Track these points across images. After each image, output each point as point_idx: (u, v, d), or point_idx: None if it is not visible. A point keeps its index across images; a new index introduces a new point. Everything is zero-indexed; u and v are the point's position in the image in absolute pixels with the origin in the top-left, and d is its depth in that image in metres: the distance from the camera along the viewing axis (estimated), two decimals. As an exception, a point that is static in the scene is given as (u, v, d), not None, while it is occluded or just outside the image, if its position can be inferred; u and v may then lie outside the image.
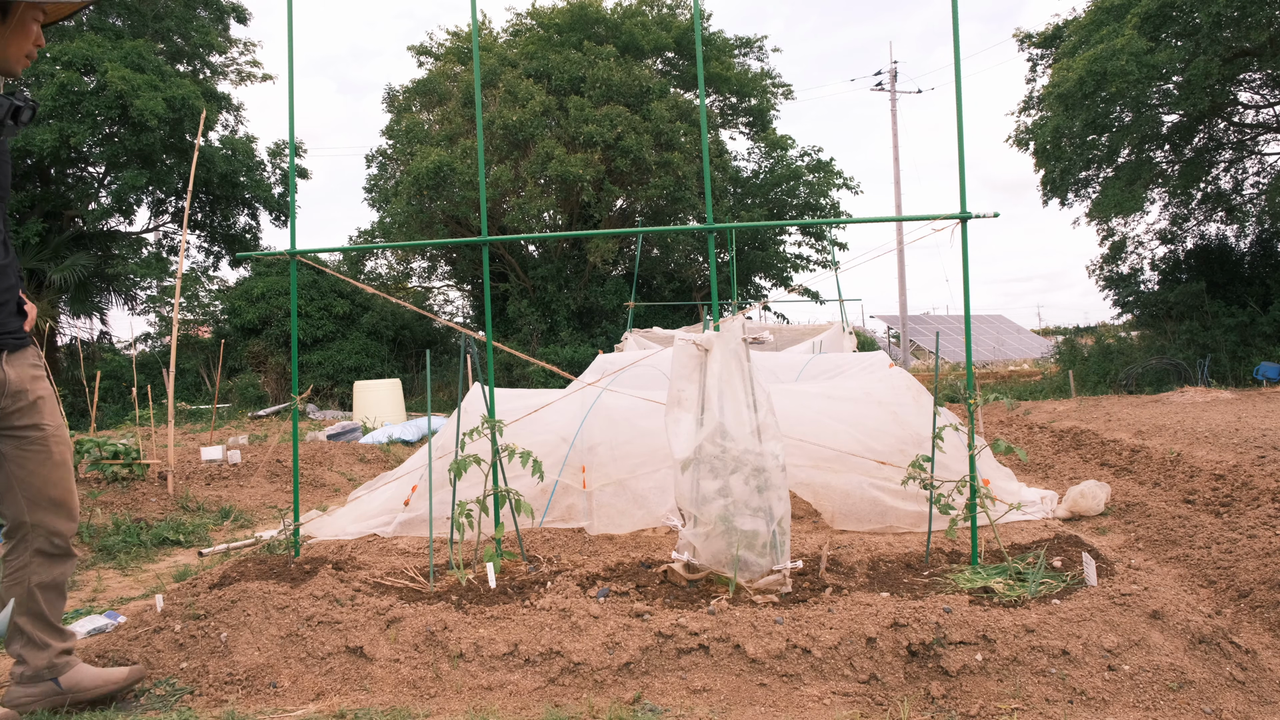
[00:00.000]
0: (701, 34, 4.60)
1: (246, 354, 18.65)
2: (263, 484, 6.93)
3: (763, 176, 20.65)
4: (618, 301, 18.27)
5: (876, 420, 4.93)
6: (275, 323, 18.44)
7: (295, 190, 3.71)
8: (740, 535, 3.12)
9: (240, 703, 2.69)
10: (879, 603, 2.84)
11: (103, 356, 18.41)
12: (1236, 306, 15.13)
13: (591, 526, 4.67)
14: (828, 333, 11.46)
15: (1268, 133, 15.96)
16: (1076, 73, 12.69)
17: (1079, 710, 2.43)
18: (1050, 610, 2.73)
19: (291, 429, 4.56)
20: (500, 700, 2.64)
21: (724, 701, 2.58)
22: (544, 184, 16.91)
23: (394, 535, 4.77)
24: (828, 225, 17.28)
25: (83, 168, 18.06)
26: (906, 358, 25.38)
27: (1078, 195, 16.48)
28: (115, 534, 5.09)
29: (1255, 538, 3.83)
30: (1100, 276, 17.53)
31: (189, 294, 19.28)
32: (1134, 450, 6.64)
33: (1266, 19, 12.39)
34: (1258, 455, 5.44)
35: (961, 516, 3.35)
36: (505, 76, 17.46)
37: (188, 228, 10.89)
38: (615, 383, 5.50)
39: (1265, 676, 2.60)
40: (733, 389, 3.17)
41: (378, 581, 3.38)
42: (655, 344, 10.41)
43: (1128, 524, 4.80)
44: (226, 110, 19.59)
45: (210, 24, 18.92)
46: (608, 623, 2.81)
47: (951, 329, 26.79)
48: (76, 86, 15.25)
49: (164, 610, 3.18)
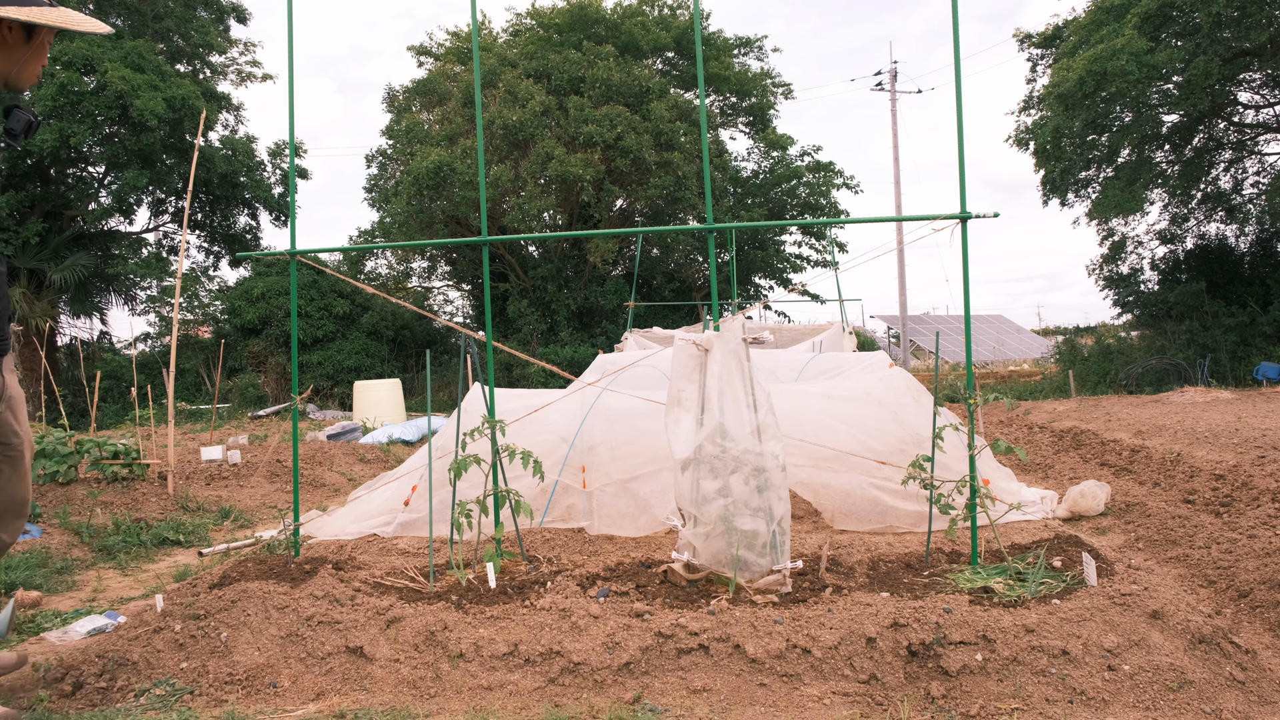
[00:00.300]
0: (701, 34, 4.58)
1: (246, 354, 18.65)
2: (263, 484, 6.93)
3: (763, 176, 20.65)
4: (618, 301, 18.27)
5: (876, 420, 4.93)
6: (275, 323, 18.44)
7: (295, 190, 3.71)
8: (740, 535, 3.12)
9: (240, 703, 2.69)
10: (879, 603, 2.84)
11: (103, 356, 18.41)
12: (1236, 306, 15.13)
13: (592, 526, 4.67)
14: (828, 333, 11.46)
15: (1268, 133, 15.96)
16: (1076, 73, 12.68)
17: (1079, 710, 2.43)
18: (1050, 610, 2.73)
19: (291, 429, 4.56)
20: (500, 700, 2.64)
21: (724, 701, 2.58)
22: (544, 184, 16.92)
23: (394, 535, 4.77)
24: (828, 225, 17.27)
25: (83, 168, 18.06)
26: (906, 358, 25.38)
27: (1078, 195, 16.48)
28: (115, 534, 5.09)
29: (1255, 538, 3.83)
30: (1100, 276, 17.54)
31: (189, 294, 19.28)
32: (1134, 450, 6.64)
33: (1266, 19, 12.39)
34: (1258, 455, 5.44)
35: (961, 516, 3.35)
36: (505, 76, 17.46)
37: (188, 228, 10.89)
38: (615, 383, 5.50)
39: (1265, 676, 2.60)
40: (733, 389, 3.17)
41: (378, 581, 3.38)
42: (655, 344, 10.41)
43: (1128, 524, 4.80)
44: (226, 110, 19.58)
45: (210, 24, 18.92)
46: (608, 623, 2.81)
47: (951, 329, 26.79)
48: (76, 86, 15.25)
49: (164, 610, 3.18)
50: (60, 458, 5.96)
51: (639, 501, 4.65)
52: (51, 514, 5.34)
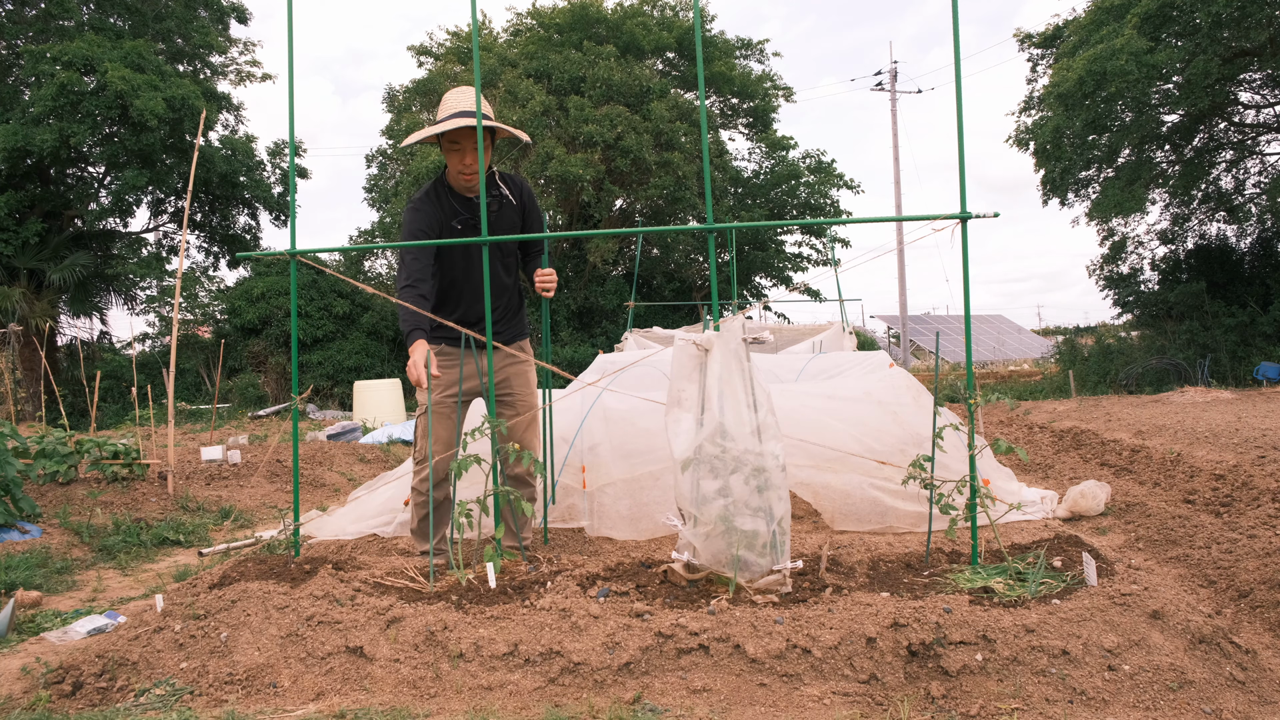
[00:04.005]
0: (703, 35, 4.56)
1: (246, 354, 18.65)
2: (263, 484, 6.93)
3: (763, 176, 20.65)
4: (618, 301, 18.27)
5: (876, 420, 4.93)
6: (275, 323, 18.44)
7: (295, 190, 3.70)
8: (740, 535, 3.12)
9: (240, 703, 2.69)
10: (879, 603, 2.84)
11: (102, 356, 18.41)
12: (1237, 306, 15.13)
13: (591, 527, 4.67)
14: (828, 333, 11.44)
15: (1268, 133, 15.97)
16: (1076, 73, 12.69)
17: (1079, 710, 2.43)
18: (1050, 610, 2.73)
19: (291, 429, 4.56)
20: (500, 700, 2.63)
21: (724, 701, 2.58)
22: (544, 184, 16.91)
23: (394, 535, 4.77)
24: (828, 225, 17.27)
25: (83, 168, 18.06)
26: (906, 358, 25.38)
27: (1078, 195, 16.49)
28: (115, 534, 5.09)
29: (1255, 538, 3.83)
30: (1100, 276, 17.54)
31: (189, 294, 19.29)
32: (1134, 450, 6.64)
33: (1266, 19, 12.39)
34: (1258, 455, 5.44)
35: (962, 516, 3.35)
36: (505, 76, 17.47)
37: (187, 228, 10.88)
38: (615, 383, 5.50)
39: (1265, 676, 2.60)
40: (733, 389, 3.17)
41: (378, 581, 3.38)
42: (655, 344, 10.40)
43: (1128, 524, 4.80)
44: (226, 110, 19.59)
45: (210, 24, 18.92)
46: (608, 623, 2.81)
47: (951, 329, 26.78)
48: (76, 86, 15.25)
49: (164, 610, 3.18)
50: (60, 458, 5.96)
51: (639, 502, 4.65)
52: (51, 514, 5.34)
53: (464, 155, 3.67)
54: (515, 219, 3.91)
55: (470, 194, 3.80)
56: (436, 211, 3.80)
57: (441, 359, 3.90)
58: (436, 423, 3.89)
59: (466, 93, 3.72)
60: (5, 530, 4.84)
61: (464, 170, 3.70)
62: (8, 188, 15.99)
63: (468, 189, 3.79)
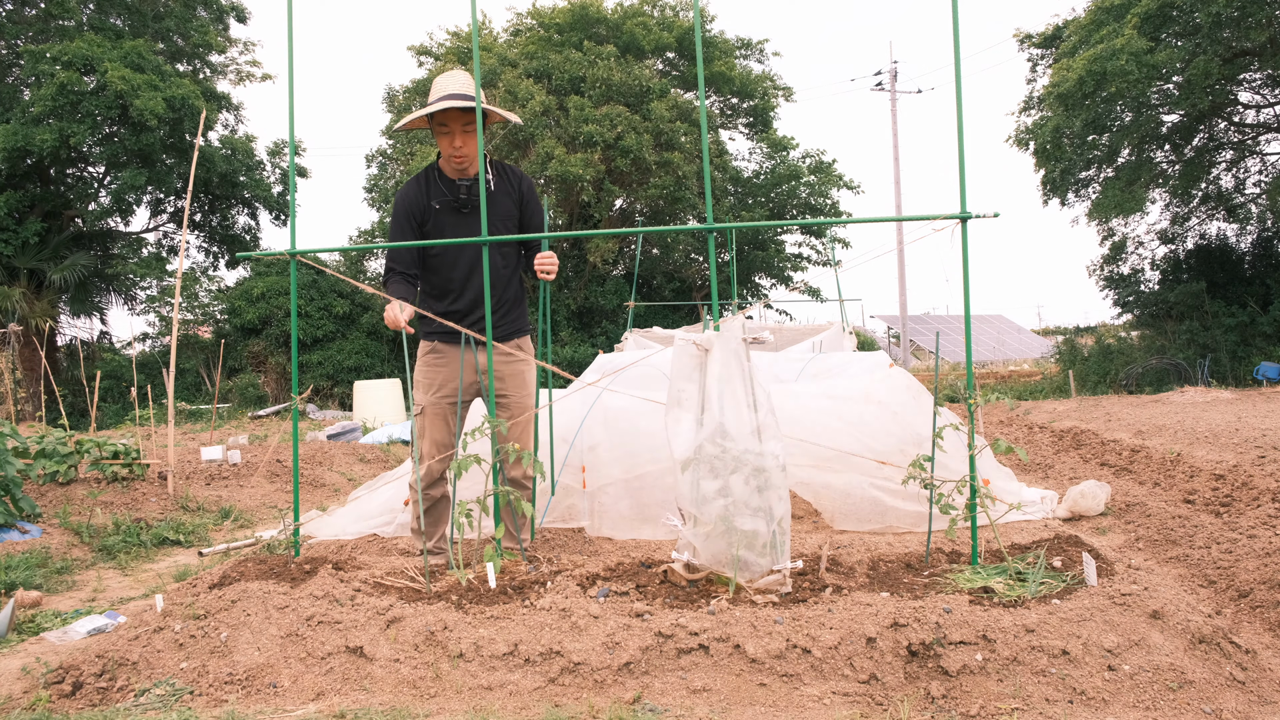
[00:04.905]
0: (703, 35, 4.59)
1: (246, 354, 18.65)
2: (263, 484, 6.93)
3: (763, 177, 20.65)
4: (618, 301, 18.27)
5: (876, 420, 4.93)
6: (275, 323, 18.44)
7: (295, 190, 3.71)
8: (740, 535, 3.12)
9: (240, 703, 2.69)
10: (879, 603, 2.84)
11: (103, 356, 18.41)
12: (1237, 306, 15.13)
13: (591, 527, 4.67)
14: (828, 333, 11.43)
15: (1268, 132, 15.97)
16: (1076, 73, 12.69)
17: (1079, 710, 2.43)
18: (1050, 610, 2.73)
19: (291, 429, 4.56)
20: (500, 700, 2.63)
21: (724, 701, 2.58)
22: (544, 184, 16.91)
23: (394, 535, 4.77)
24: (828, 225, 17.27)
25: (83, 168, 18.06)
26: (906, 358, 25.38)
27: (1078, 195, 16.49)
28: (115, 534, 5.09)
29: (1255, 538, 3.83)
30: (1100, 276, 17.54)
31: (189, 294, 19.29)
32: (1134, 450, 6.64)
33: (1266, 19, 12.40)
34: (1258, 455, 5.44)
35: (962, 516, 3.35)
36: (505, 76, 17.46)
37: (187, 227, 10.88)
38: (615, 383, 5.50)
39: (1265, 676, 2.60)
40: (733, 389, 3.17)
41: (378, 581, 3.38)
42: (655, 344, 10.39)
43: (1128, 524, 4.80)
44: (226, 110, 19.58)
45: (210, 24, 18.92)
46: (608, 623, 2.81)
47: (952, 329, 26.78)
48: (76, 86, 15.25)
49: (164, 610, 3.18)
50: (60, 458, 5.96)
51: (639, 502, 4.65)
52: (51, 514, 5.34)
53: (453, 138, 3.64)
54: (509, 207, 3.82)
55: (459, 177, 3.77)
56: (420, 195, 3.76)
57: (435, 358, 3.87)
58: (430, 423, 3.88)
59: (456, 75, 3.70)
60: (5, 530, 4.84)
61: (454, 154, 3.67)
62: (8, 188, 15.99)
63: (458, 172, 3.76)
